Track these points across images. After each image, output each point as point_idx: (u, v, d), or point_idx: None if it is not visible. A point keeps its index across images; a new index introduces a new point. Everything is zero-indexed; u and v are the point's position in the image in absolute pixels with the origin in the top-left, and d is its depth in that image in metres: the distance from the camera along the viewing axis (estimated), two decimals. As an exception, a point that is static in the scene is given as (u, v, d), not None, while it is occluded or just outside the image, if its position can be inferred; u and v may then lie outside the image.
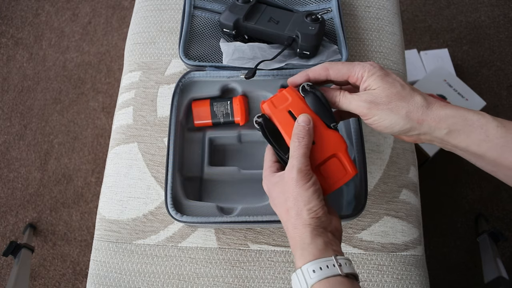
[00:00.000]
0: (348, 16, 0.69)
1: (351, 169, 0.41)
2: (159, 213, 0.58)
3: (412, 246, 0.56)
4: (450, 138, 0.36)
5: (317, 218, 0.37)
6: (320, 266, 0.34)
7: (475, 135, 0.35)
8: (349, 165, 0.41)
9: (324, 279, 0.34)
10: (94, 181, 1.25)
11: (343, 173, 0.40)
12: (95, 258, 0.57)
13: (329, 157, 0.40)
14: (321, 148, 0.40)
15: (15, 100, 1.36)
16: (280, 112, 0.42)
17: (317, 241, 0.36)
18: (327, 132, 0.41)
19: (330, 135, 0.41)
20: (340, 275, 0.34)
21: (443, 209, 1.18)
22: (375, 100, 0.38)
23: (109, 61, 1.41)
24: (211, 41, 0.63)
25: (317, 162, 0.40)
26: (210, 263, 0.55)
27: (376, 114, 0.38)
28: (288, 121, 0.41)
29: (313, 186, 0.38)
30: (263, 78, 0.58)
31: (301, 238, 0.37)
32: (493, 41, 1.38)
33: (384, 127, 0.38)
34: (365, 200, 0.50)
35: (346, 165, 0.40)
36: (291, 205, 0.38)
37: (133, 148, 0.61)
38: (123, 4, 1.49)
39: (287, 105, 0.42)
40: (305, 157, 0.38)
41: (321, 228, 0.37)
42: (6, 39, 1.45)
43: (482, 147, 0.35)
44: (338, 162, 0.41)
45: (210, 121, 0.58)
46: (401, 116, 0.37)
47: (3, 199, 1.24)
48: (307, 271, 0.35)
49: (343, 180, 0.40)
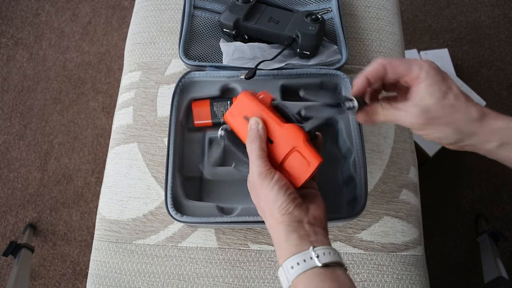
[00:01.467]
0: (348, 16, 0.69)
1: (313, 159, 0.39)
2: (159, 213, 0.58)
3: (412, 246, 0.56)
4: (501, 150, 0.36)
5: (288, 214, 0.38)
6: (297, 262, 0.35)
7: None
8: (311, 156, 0.40)
9: (302, 273, 0.34)
10: (94, 181, 1.25)
11: (306, 165, 0.40)
12: (95, 258, 0.57)
13: (289, 152, 0.40)
14: (280, 145, 0.40)
15: (15, 100, 1.36)
16: (236, 119, 0.43)
17: (291, 237, 0.37)
18: (283, 128, 0.40)
19: (286, 130, 0.40)
20: (318, 266, 0.34)
21: (443, 209, 1.18)
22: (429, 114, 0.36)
23: (109, 61, 1.41)
24: (211, 41, 0.63)
25: (279, 160, 0.40)
26: (210, 263, 0.55)
27: (430, 128, 0.37)
28: (244, 127, 0.42)
29: (276, 184, 0.38)
30: (263, 78, 0.58)
31: (278, 236, 0.38)
32: (493, 41, 1.38)
33: (435, 138, 0.37)
34: (365, 200, 0.50)
35: (306, 156, 0.40)
36: (263, 206, 0.39)
37: (133, 148, 0.61)
38: (123, 4, 1.49)
39: (242, 111, 0.42)
40: (261, 159, 0.39)
41: (296, 223, 0.37)
42: (6, 39, 1.45)
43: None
44: (299, 155, 0.40)
45: (210, 121, 0.58)
46: (454, 129, 0.36)
47: (3, 199, 1.24)
48: (286, 268, 0.35)
49: (308, 172, 0.40)
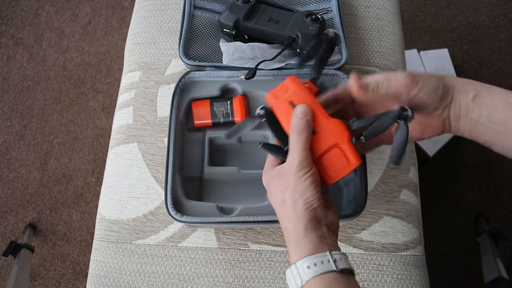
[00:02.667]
0: (348, 16, 0.69)
1: (354, 159, 0.39)
2: (159, 213, 0.58)
3: (412, 246, 0.56)
4: (475, 103, 0.37)
5: (312, 209, 0.37)
6: (314, 262, 0.34)
7: (497, 102, 0.36)
8: (352, 155, 0.39)
9: (319, 275, 0.34)
10: (94, 181, 1.25)
11: (345, 163, 0.39)
12: (95, 258, 0.57)
13: (331, 148, 0.39)
14: (322, 138, 0.39)
15: (15, 100, 1.36)
16: (281, 103, 0.41)
17: (311, 235, 0.36)
18: (329, 121, 0.39)
19: (332, 124, 0.39)
20: (335, 271, 0.34)
21: (443, 209, 1.18)
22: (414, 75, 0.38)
23: (109, 61, 1.41)
24: (211, 41, 0.63)
25: (318, 153, 0.39)
26: (210, 263, 0.55)
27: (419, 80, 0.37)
28: (288, 112, 0.40)
29: (310, 177, 0.37)
30: (263, 78, 0.58)
31: (296, 231, 0.37)
32: (493, 41, 1.38)
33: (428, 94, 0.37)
34: (365, 200, 0.50)
35: (348, 155, 0.39)
36: (288, 196, 0.38)
37: (133, 148, 0.61)
38: (123, 4, 1.49)
39: (289, 96, 0.41)
40: (305, 150, 0.38)
41: (316, 221, 0.37)
42: (6, 39, 1.45)
43: (503, 113, 0.36)
44: (340, 152, 0.39)
45: (210, 121, 0.58)
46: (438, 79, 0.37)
47: (3, 199, 1.24)
48: (301, 267, 0.35)
49: (345, 171, 0.39)
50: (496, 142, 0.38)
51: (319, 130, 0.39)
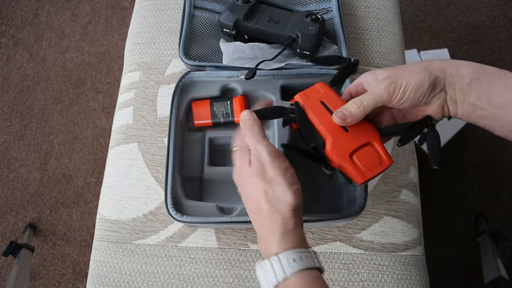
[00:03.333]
0: (348, 16, 0.69)
1: (386, 158, 0.39)
2: (159, 213, 0.58)
3: (412, 246, 0.56)
4: (472, 87, 0.36)
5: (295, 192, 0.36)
6: (300, 256, 0.33)
7: (496, 85, 0.35)
8: (385, 154, 0.39)
9: (305, 270, 0.32)
10: (94, 181, 1.25)
11: (378, 161, 0.39)
12: (95, 258, 0.57)
13: (363, 145, 0.39)
14: (355, 136, 0.39)
15: (15, 100, 1.36)
16: (312, 102, 0.42)
17: (299, 229, 0.35)
18: (360, 122, 0.40)
19: (363, 124, 0.40)
20: (319, 268, 0.33)
21: (443, 209, 1.18)
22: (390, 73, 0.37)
23: (109, 61, 1.41)
24: (211, 41, 0.63)
25: (351, 149, 0.39)
26: (210, 263, 0.55)
27: (403, 79, 0.37)
28: (318, 109, 0.41)
29: (286, 161, 0.37)
30: (263, 78, 0.58)
31: (284, 222, 0.35)
32: (493, 41, 1.38)
33: (414, 90, 0.37)
34: (365, 200, 0.50)
35: (381, 153, 0.39)
36: (268, 188, 0.36)
37: (133, 148, 0.61)
38: (123, 4, 1.49)
39: (320, 96, 0.42)
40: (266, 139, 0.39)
41: (299, 218, 0.37)
42: (6, 39, 1.45)
43: (503, 97, 0.35)
44: (372, 150, 0.39)
45: (210, 121, 0.58)
46: (422, 70, 0.37)
47: (3, 199, 1.24)
48: (286, 259, 0.33)
49: (379, 169, 0.39)
50: (496, 126, 0.37)
51: (350, 129, 0.40)
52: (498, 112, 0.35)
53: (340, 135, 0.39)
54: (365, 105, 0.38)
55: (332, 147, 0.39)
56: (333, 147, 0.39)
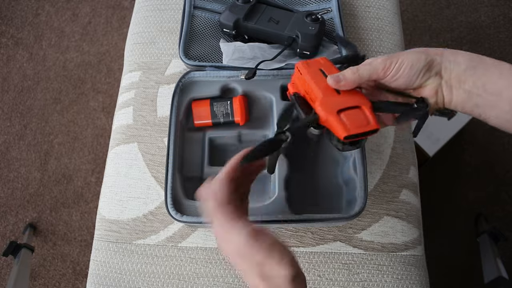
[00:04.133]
0: (348, 16, 0.69)
1: (373, 121, 0.38)
2: (159, 213, 0.58)
3: (412, 246, 0.56)
4: (468, 73, 0.37)
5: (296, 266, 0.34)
6: None
7: (491, 73, 0.36)
8: (373, 118, 0.38)
9: None
10: (94, 181, 1.25)
11: (365, 122, 0.38)
12: (95, 258, 0.57)
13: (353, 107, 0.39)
14: (346, 98, 0.39)
15: (15, 100, 1.36)
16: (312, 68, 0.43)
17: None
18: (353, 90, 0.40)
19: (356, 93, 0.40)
20: None
21: (443, 209, 1.18)
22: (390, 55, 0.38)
23: (109, 61, 1.41)
24: (211, 41, 0.63)
25: (339, 107, 0.38)
26: (210, 263, 0.55)
27: (399, 56, 0.38)
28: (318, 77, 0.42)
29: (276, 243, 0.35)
30: (263, 78, 0.58)
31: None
32: (493, 41, 1.38)
33: (409, 68, 0.37)
34: (365, 200, 0.50)
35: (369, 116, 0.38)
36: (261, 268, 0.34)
37: (133, 148, 0.61)
38: (123, 4, 1.49)
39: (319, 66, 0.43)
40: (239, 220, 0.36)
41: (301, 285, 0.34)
42: (6, 39, 1.45)
43: (498, 84, 0.35)
44: (361, 112, 0.39)
45: (210, 121, 0.58)
46: (420, 52, 0.38)
47: (3, 199, 1.24)
48: None
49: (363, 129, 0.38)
50: (491, 115, 0.37)
51: (342, 92, 0.40)
52: (493, 99, 0.36)
53: (331, 94, 0.40)
54: (360, 72, 0.39)
55: (321, 103, 0.39)
56: (322, 103, 0.39)
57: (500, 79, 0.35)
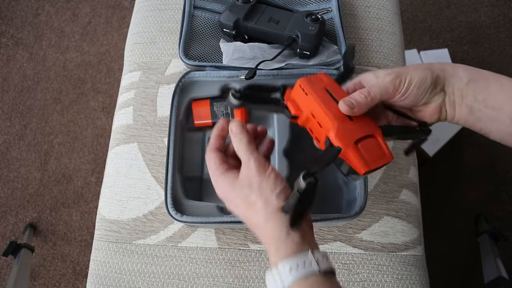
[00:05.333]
0: (348, 16, 0.69)
1: (388, 153, 0.38)
2: (159, 213, 0.58)
3: (412, 246, 0.56)
4: (470, 88, 0.37)
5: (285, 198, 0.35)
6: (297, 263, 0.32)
7: (492, 87, 0.36)
8: (387, 149, 0.38)
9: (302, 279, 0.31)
10: (94, 181, 1.25)
11: (381, 154, 0.38)
12: (95, 258, 0.57)
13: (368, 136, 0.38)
14: (359, 126, 0.38)
15: (15, 100, 1.36)
16: (317, 87, 0.41)
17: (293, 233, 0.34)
18: (363, 115, 0.39)
19: (365, 118, 0.39)
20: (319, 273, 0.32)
21: (443, 209, 1.18)
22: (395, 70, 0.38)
23: (109, 61, 1.41)
24: (211, 41, 0.63)
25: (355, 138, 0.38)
26: (210, 263, 0.55)
27: (406, 74, 0.37)
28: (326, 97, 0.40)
29: (273, 172, 0.36)
30: (263, 78, 0.58)
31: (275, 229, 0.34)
32: (493, 41, 1.38)
33: (417, 87, 0.37)
34: (365, 200, 0.50)
35: (384, 147, 0.38)
36: (255, 198, 0.36)
37: (133, 148, 0.61)
38: (123, 4, 1.49)
39: (324, 85, 0.41)
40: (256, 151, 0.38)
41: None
42: (6, 39, 1.45)
43: (499, 98, 0.35)
44: (376, 142, 0.38)
45: (210, 121, 0.58)
46: (426, 68, 0.37)
47: (3, 199, 1.24)
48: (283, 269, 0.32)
49: (381, 161, 0.38)
50: (492, 129, 0.37)
51: (355, 119, 0.39)
52: (494, 114, 0.36)
53: (344, 121, 0.38)
54: (372, 96, 0.38)
55: (337, 133, 0.37)
56: (338, 133, 0.38)
57: (501, 93, 0.35)
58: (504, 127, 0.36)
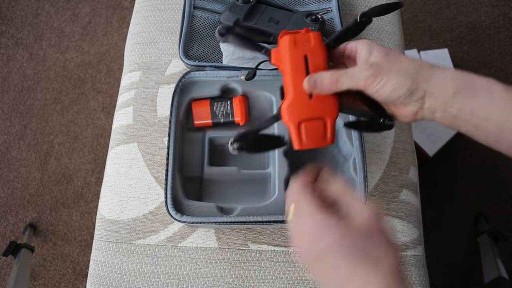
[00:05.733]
0: (348, 16, 0.69)
1: (331, 138, 0.40)
2: (159, 213, 0.58)
3: (412, 246, 0.56)
4: (456, 99, 0.35)
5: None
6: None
7: (481, 98, 0.34)
8: (331, 135, 0.40)
9: None
10: (94, 181, 1.25)
11: (321, 138, 0.40)
12: (95, 258, 0.57)
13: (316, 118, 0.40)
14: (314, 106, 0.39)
15: (15, 100, 1.36)
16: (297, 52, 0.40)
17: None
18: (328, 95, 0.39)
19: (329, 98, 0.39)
20: None
21: (443, 209, 1.18)
22: (377, 65, 0.36)
23: (109, 61, 1.41)
24: (211, 41, 0.63)
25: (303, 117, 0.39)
26: (210, 263, 0.55)
27: (383, 75, 0.36)
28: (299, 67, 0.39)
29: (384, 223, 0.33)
30: (263, 78, 0.58)
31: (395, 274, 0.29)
32: (493, 41, 1.38)
33: (390, 91, 0.36)
34: (365, 200, 0.50)
35: (328, 132, 0.40)
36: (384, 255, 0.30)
37: (133, 148, 0.61)
38: (123, 4, 1.49)
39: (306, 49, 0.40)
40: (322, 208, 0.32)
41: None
42: (6, 39, 1.45)
43: (487, 110, 0.34)
44: (321, 126, 0.40)
45: (210, 121, 0.58)
46: (407, 75, 0.35)
47: (3, 199, 1.24)
48: None
49: (319, 145, 0.40)
50: (479, 135, 0.36)
51: (315, 97, 0.39)
52: (481, 123, 0.35)
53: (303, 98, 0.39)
54: (339, 85, 0.38)
55: (289, 105, 0.40)
56: (289, 106, 0.40)
57: (489, 105, 0.34)
58: (490, 135, 0.35)
